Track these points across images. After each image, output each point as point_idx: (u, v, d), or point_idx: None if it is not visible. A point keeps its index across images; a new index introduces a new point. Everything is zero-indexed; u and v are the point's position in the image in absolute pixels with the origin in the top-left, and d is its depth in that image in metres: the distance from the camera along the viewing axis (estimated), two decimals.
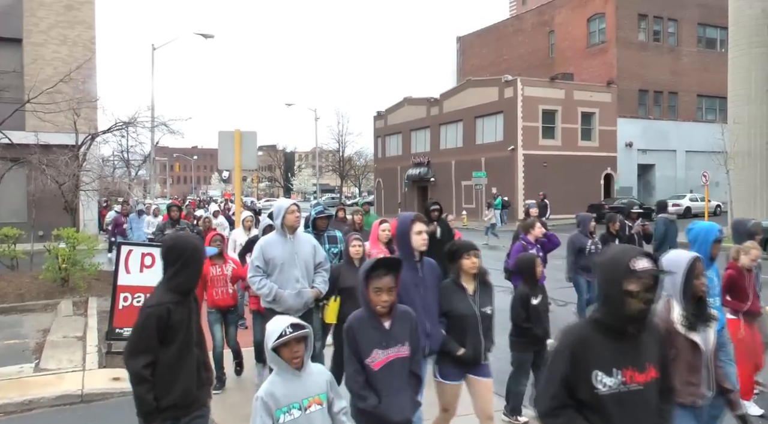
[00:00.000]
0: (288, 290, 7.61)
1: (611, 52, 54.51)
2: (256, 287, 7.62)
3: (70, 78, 20.80)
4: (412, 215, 6.37)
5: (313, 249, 7.94)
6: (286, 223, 7.69)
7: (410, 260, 6.07)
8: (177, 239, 5.17)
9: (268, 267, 7.66)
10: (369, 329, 4.71)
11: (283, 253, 7.63)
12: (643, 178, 57.07)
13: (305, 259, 7.78)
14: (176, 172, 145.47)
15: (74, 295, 15.71)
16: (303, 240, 7.91)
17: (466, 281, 6.28)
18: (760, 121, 33.93)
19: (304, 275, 7.74)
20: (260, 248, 7.73)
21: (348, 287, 7.60)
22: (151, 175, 43.40)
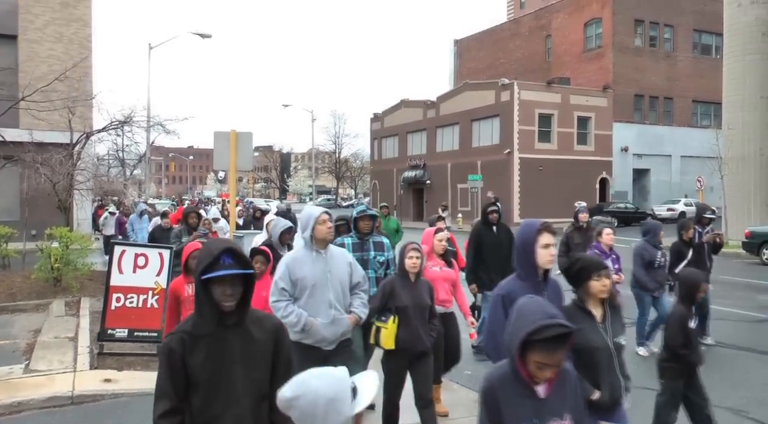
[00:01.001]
0: (320, 317, 6.29)
1: (607, 56, 54.63)
2: (281, 314, 6.15)
3: (66, 76, 20.73)
4: (537, 223, 5.05)
5: (349, 267, 6.63)
6: (317, 235, 6.38)
7: (533, 279, 4.92)
8: None
9: (296, 290, 6.33)
10: (516, 396, 3.56)
11: (314, 272, 6.31)
12: (638, 183, 57.18)
13: (340, 279, 6.47)
14: (172, 172, 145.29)
15: (66, 295, 15.65)
16: (337, 256, 6.57)
17: (593, 305, 5.00)
18: (753, 127, 34.05)
19: (339, 298, 6.44)
20: (285, 266, 6.35)
21: (403, 306, 6.75)
22: (146, 174, 43.40)
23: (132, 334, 10.71)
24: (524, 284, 4.73)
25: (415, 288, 6.90)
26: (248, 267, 3.53)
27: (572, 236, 13.14)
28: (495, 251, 10.83)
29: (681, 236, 11.97)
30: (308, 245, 6.43)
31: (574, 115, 52.37)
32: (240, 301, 3.57)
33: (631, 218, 47.01)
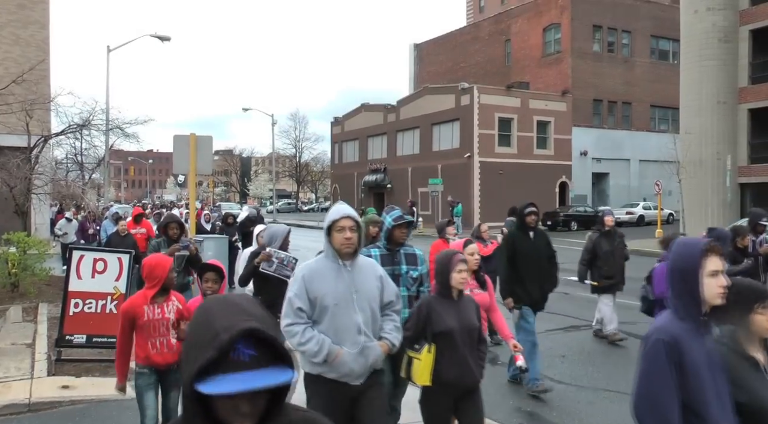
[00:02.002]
0: (346, 345, 5.06)
1: (566, 61, 55.08)
2: (298, 340, 5.02)
3: (23, 79, 20.52)
4: (700, 242, 3.57)
5: (380, 282, 5.34)
6: (335, 243, 5.21)
7: (695, 319, 3.45)
8: None
9: (314, 311, 5.13)
10: None
11: (337, 289, 5.08)
12: (597, 187, 57.70)
13: (369, 297, 5.21)
14: (131, 176, 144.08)
15: (24, 301, 15.47)
16: (365, 270, 5.31)
17: (753, 346, 3.59)
18: (710, 131, 34.67)
19: (369, 321, 5.20)
20: (302, 280, 5.17)
21: (447, 330, 5.60)
22: (105, 178, 43.01)
23: (90, 340, 10.62)
24: (686, 325, 3.42)
25: (460, 308, 5.75)
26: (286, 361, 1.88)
27: (599, 243, 12.42)
28: (531, 261, 9.61)
29: (735, 244, 10.52)
30: (329, 255, 5.22)
31: (534, 119, 52.72)
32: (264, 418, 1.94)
33: (591, 221, 47.37)
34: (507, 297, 9.53)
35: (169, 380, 6.56)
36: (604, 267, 12.39)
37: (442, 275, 5.77)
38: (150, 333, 6.31)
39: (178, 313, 6.44)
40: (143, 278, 6.39)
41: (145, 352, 6.34)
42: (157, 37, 36.06)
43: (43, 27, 34.44)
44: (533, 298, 9.56)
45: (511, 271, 9.57)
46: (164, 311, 6.39)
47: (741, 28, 35.32)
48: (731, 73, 35.17)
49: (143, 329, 6.27)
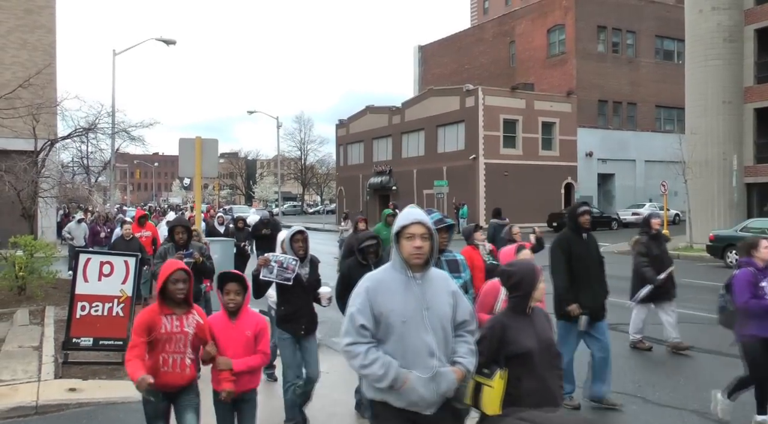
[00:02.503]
0: (416, 370, 4.39)
1: (571, 62, 55.07)
2: (360, 362, 4.39)
3: (30, 83, 20.61)
4: None
5: (453, 298, 4.65)
6: (403, 252, 4.51)
7: None
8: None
9: (379, 329, 4.46)
10: None
11: (406, 305, 4.41)
12: (603, 188, 57.65)
13: (441, 315, 4.51)
14: (137, 179, 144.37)
15: (31, 304, 15.51)
16: (437, 283, 4.61)
17: None
18: (716, 131, 34.63)
19: (441, 343, 4.50)
20: (365, 293, 4.49)
21: (526, 351, 4.98)
22: (111, 182, 43.03)
23: (97, 342, 10.64)
24: None
25: (535, 323, 5.15)
26: None
27: (649, 247, 11.67)
28: (585, 265, 8.88)
29: None
30: (397, 266, 4.53)
31: (539, 120, 52.71)
32: None
33: (597, 222, 47.41)
34: (570, 304, 8.65)
35: (182, 402, 5.80)
36: (653, 274, 11.54)
37: (524, 288, 5.07)
38: (164, 347, 5.59)
39: (198, 328, 5.74)
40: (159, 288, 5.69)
41: (153, 371, 5.48)
42: (163, 40, 36.12)
43: (49, 31, 34.59)
44: (587, 306, 8.74)
45: (569, 275, 8.78)
46: (183, 324, 5.67)
47: (746, 28, 35.25)
48: (736, 73, 35.11)
49: (158, 342, 5.55)
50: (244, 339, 5.82)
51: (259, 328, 6.00)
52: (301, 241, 7.79)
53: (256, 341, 5.95)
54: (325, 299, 7.92)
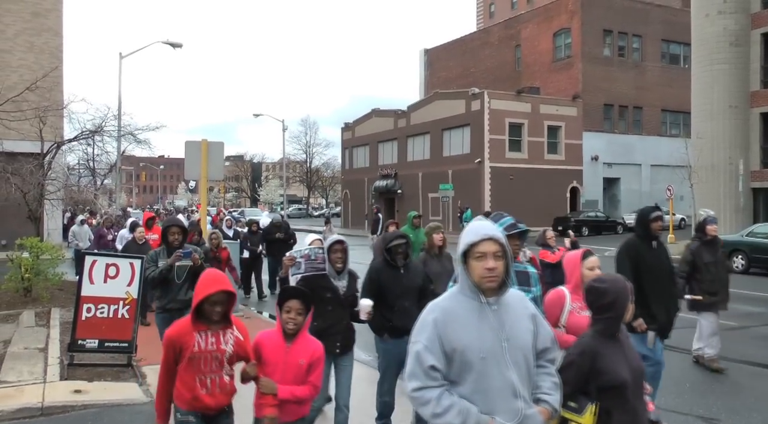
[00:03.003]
0: (499, 415, 3.67)
1: (576, 66, 55.05)
2: (431, 411, 3.67)
3: (37, 86, 20.64)
4: None
5: (533, 323, 3.91)
6: (474, 275, 3.73)
7: None
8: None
9: (452, 368, 3.71)
10: None
11: (483, 337, 3.68)
12: (608, 192, 57.60)
13: (523, 346, 3.80)
14: (142, 182, 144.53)
15: (37, 305, 15.54)
16: (515, 307, 3.86)
17: None
18: (722, 136, 34.60)
19: (524, 379, 3.78)
20: (433, 327, 3.72)
21: (621, 382, 4.26)
22: (117, 184, 43.12)
23: (102, 344, 10.63)
24: None
25: (625, 348, 4.45)
26: None
27: (700, 253, 10.65)
28: (655, 276, 8.16)
29: None
30: (467, 290, 3.77)
31: (544, 124, 52.70)
32: None
33: (602, 226, 47.43)
34: (636, 318, 7.82)
35: None
36: (706, 281, 10.61)
37: (618, 308, 4.37)
38: (199, 368, 4.97)
39: (238, 345, 5.07)
40: None
41: (193, 392, 4.99)
42: (169, 43, 36.17)
43: (56, 35, 34.71)
44: (659, 321, 8.09)
45: (637, 286, 7.28)
46: (220, 341, 5.01)
47: (752, 32, 35.24)
48: (743, 77, 35.08)
49: (191, 362, 4.93)
50: (296, 367, 5.10)
51: (315, 357, 5.20)
52: (340, 252, 6.97)
53: (308, 370, 5.17)
54: (364, 313, 6.92)
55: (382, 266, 7.48)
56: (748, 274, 24.64)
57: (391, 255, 7.39)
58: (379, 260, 7.63)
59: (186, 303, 8.67)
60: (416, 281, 7.52)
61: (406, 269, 7.44)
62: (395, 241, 7.43)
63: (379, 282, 7.32)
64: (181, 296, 9.03)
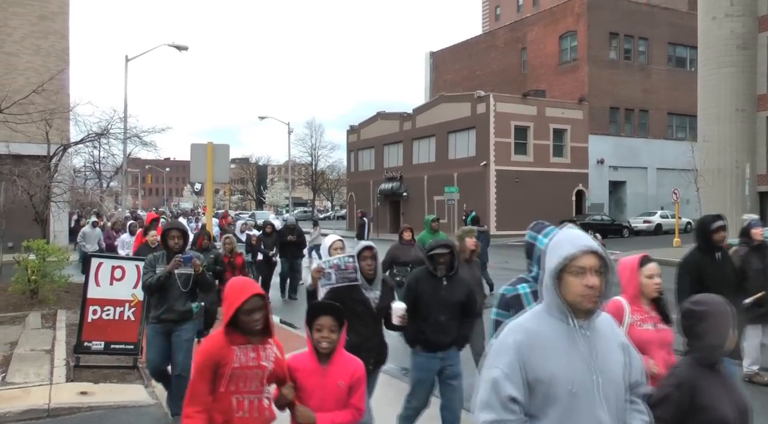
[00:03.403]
0: None
1: (583, 69, 54.97)
2: None
3: (43, 88, 20.68)
4: None
5: (623, 353, 3.39)
6: (569, 293, 3.21)
7: None
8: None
9: (533, 401, 3.20)
10: None
11: (572, 367, 3.18)
12: (614, 195, 57.50)
13: (615, 380, 3.28)
14: (148, 184, 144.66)
15: (43, 307, 15.57)
16: (606, 333, 3.36)
17: None
18: (729, 139, 34.51)
19: (615, 419, 3.26)
20: (515, 351, 3.20)
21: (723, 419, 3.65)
22: (122, 187, 43.20)
23: (108, 346, 10.66)
24: None
25: (726, 381, 3.83)
26: None
27: (748, 260, 9.61)
28: (720, 291, 6.36)
29: None
30: (555, 311, 3.24)
31: (550, 127, 52.65)
32: None
33: (608, 230, 47.36)
34: None
35: None
36: (754, 290, 9.32)
37: (720, 335, 3.75)
38: (237, 386, 4.42)
39: (278, 363, 4.56)
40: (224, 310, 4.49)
41: (226, 416, 4.43)
42: (175, 46, 36.23)
43: (63, 37, 34.78)
44: None
45: None
46: (260, 356, 4.46)
47: (760, 35, 35.17)
48: (750, 81, 35.01)
49: (229, 380, 4.38)
50: (336, 390, 4.58)
51: (356, 377, 4.69)
52: (369, 258, 6.43)
53: (349, 392, 4.66)
54: (396, 317, 6.34)
55: (423, 274, 6.97)
56: None
57: (432, 264, 6.87)
58: (422, 268, 7.10)
59: (183, 314, 8.26)
60: (458, 295, 6.90)
61: (449, 281, 6.87)
62: (437, 249, 6.90)
63: (416, 291, 6.82)
64: (179, 306, 8.26)
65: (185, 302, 8.30)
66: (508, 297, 4.91)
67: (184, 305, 8.29)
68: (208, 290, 9.17)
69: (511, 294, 4.89)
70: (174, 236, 8.37)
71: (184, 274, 8.23)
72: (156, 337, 8.21)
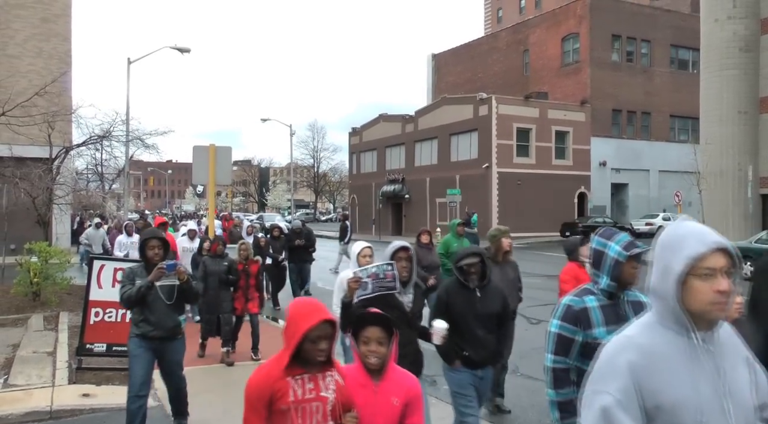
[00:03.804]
0: None
1: (585, 71, 54.97)
2: None
3: (45, 91, 20.69)
4: None
5: (749, 369, 2.76)
6: (695, 301, 2.59)
7: None
8: None
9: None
10: None
11: (698, 391, 2.56)
12: (616, 197, 57.48)
13: (744, 403, 2.64)
14: (150, 187, 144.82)
15: (45, 309, 15.58)
16: (729, 346, 2.74)
17: None
18: (731, 141, 34.45)
19: None
20: (628, 372, 2.57)
21: None
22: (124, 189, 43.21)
23: (110, 348, 10.65)
24: None
25: None
26: None
27: None
28: None
29: None
30: (671, 322, 2.67)
31: (552, 129, 52.65)
32: None
33: None
34: None
35: None
36: None
37: None
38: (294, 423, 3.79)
39: (340, 391, 3.90)
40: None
41: None
42: (177, 49, 36.21)
43: (65, 40, 34.83)
44: None
45: None
46: (319, 387, 3.84)
47: (762, 37, 35.09)
48: (752, 83, 34.94)
49: (284, 417, 3.76)
50: (389, 409, 4.06)
51: (411, 395, 4.14)
52: (405, 260, 5.99)
53: (404, 412, 4.09)
54: (438, 337, 5.86)
55: (454, 285, 6.44)
56: None
57: (463, 275, 6.36)
58: (452, 280, 6.56)
59: (172, 331, 7.59)
60: (493, 306, 6.41)
61: (482, 292, 6.36)
62: (467, 259, 6.37)
63: (449, 305, 6.32)
64: (168, 321, 7.51)
65: (173, 316, 7.57)
66: (577, 310, 4.31)
67: (173, 319, 7.57)
68: (194, 300, 8.56)
69: (579, 307, 4.30)
70: (153, 247, 7.62)
71: (167, 285, 7.48)
72: (142, 352, 7.47)
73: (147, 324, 7.41)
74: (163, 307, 7.42)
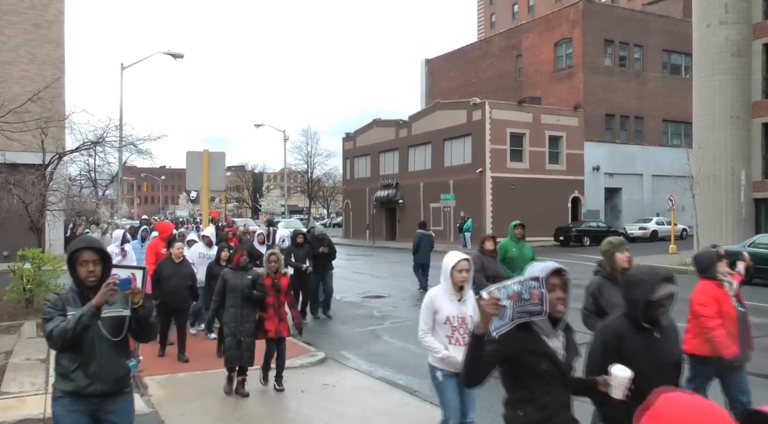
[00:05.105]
0: None
1: (578, 76, 55.06)
2: None
3: (39, 97, 20.63)
4: None
5: None
6: None
7: None
8: None
9: None
10: None
11: None
12: (610, 202, 57.56)
13: None
14: (144, 192, 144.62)
15: (38, 316, 15.49)
16: None
17: None
18: (724, 146, 34.57)
19: None
20: None
21: None
22: (118, 195, 43.18)
23: None
24: None
25: None
26: None
27: None
28: None
29: None
30: None
31: (546, 134, 52.67)
32: None
33: (604, 237, 47.28)
34: None
35: None
36: None
37: None
38: None
39: None
40: None
41: None
42: (170, 54, 36.26)
43: (58, 46, 34.76)
44: None
45: None
46: None
47: (754, 42, 35.22)
48: (745, 88, 35.05)
49: None
50: None
51: None
52: (559, 288, 4.25)
53: None
54: (621, 388, 4.27)
55: (626, 327, 4.68)
56: (750, 284, 24.60)
57: (651, 312, 4.57)
58: (619, 318, 4.77)
59: (119, 383, 5.18)
60: (675, 350, 4.86)
61: (661, 333, 4.67)
62: (664, 288, 4.54)
63: (623, 353, 4.54)
64: (113, 369, 5.11)
65: (119, 360, 5.19)
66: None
67: (120, 366, 5.20)
68: (149, 336, 5.85)
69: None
70: (87, 262, 5.21)
71: (111, 316, 5.22)
72: (76, 419, 5.09)
73: (82, 376, 4.99)
74: (108, 348, 5.08)
